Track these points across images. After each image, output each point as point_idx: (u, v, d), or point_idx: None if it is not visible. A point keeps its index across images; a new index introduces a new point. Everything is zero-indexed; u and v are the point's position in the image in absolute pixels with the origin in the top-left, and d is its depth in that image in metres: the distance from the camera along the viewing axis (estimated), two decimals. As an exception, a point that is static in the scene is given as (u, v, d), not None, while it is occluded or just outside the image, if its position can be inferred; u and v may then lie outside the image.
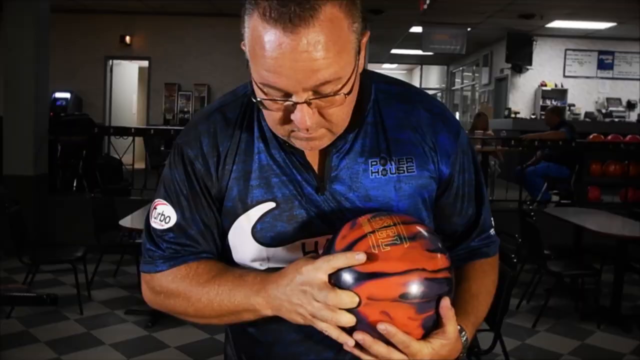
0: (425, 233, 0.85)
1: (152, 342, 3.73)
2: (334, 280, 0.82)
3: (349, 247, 0.82)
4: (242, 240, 0.96)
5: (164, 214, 0.97)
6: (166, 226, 0.97)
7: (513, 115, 11.22)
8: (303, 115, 0.80)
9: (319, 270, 0.81)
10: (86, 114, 8.32)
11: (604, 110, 11.83)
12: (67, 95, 9.97)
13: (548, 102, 11.68)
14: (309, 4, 0.75)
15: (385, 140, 0.94)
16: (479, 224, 1.05)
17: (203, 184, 0.96)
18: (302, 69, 0.77)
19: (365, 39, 0.85)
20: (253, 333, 1.02)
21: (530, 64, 11.76)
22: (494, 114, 12.04)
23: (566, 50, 11.94)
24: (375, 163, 0.93)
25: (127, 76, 11.69)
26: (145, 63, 10.88)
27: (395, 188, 0.94)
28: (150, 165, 7.94)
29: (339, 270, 0.81)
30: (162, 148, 8.98)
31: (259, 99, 0.83)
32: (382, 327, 0.79)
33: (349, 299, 0.79)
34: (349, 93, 0.82)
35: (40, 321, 3.97)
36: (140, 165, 7.62)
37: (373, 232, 0.82)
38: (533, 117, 11.39)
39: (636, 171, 6.51)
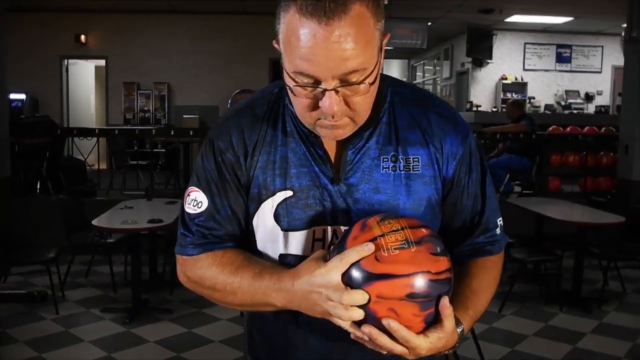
0: (429, 237, 0.91)
1: (131, 338, 3.77)
2: (346, 279, 0.88)
3: None
4: (264, 224, 1.05)
5: (196, 200, 1.07)
6: (199, 210, 1.06)
7: (475, 109, 11.44)
8: (331, 102, 0.89)
9: (333, 271, 0.88)
10: (47, 116, 8.17)
11: (563, 103, 12.17)
12: (22, 96, 9.68)
13: (509, 95, 11.93)
14: (341, 1, 0.85)
15: (397, 139, 1.03)
16: (482, 222, 1.11)
17: (232, 173, 1.05)
18: (333, 58, 0.86)
19: (385, 40, 0.94)
20: (266, 315, 1.10)
21: (491, 58, 12.01)
22: (456, 107, 12.26)
23: (525, 44, 12.22)
24: (386, 160, 1.02)
25: (83, 76, 11.46)
26: (102, 62, 10.71)
27: (402, 184, 1.02)
28: (115, 165, 7.87)
29: (352, 270, 0.88)
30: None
31: (290, 86, 0.92)
32: (386, 322, 0.87)
33: (361, 297, 0.87)
34: (372, 83, 0.91)
35: (16, 322, 3.96)
36: (102, 165, 7.56)
37: (382, 235, 0.89)
38: (494, 110, 11.63)
39: (594, 161, 6.77)
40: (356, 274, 0.87)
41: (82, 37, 10.30)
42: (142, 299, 4.23)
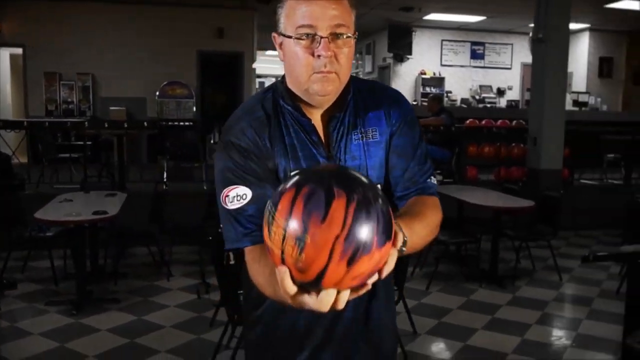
0: (303, 210, 0.84)
1: (81, 328, 3.83)
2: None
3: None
4: None
5: (238, 194, 1.21)
6: (245, 201, 1.21)
7: (397, 102, 11.92)
8: (325, 46, 1.17)
9: (288, 295, 0.90)
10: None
11: (477, 97, 12.91)
12: None
13: (428, 89, 12.54)
14: None
15: (361, 118, 1.33)
16: (408, 175, 1.35)
17: (261, 161, 1.24)
18: (327, 13, 1.17)
19: (354, 36, 1.22)
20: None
21: (411, 54, 12.55)
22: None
23: (442, 41, 12.87)
24: (356, 133, 1.33)
25: (-4, 64, 10.89)
26: (18, 50, 10.24)
27: (368, 150, 1.33)
28: (45, 159, 7.67)
29: (306, 287, 0.88)
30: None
31: (293, 39, 1.19)
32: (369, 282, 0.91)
33: (328, 296, 0.88)
34: (355, 39, 1.23)
35: (-42, 319, 3.90)
36: (24, 159, 7.39)
37: (282, 252, 0.86)
38: (414, 103, 12.16)
39: (507, 152, 7.32)
40: (309, 287, 0.87)
41: (-5, 23, 9.82)
42: (87, 290, 4.28)
